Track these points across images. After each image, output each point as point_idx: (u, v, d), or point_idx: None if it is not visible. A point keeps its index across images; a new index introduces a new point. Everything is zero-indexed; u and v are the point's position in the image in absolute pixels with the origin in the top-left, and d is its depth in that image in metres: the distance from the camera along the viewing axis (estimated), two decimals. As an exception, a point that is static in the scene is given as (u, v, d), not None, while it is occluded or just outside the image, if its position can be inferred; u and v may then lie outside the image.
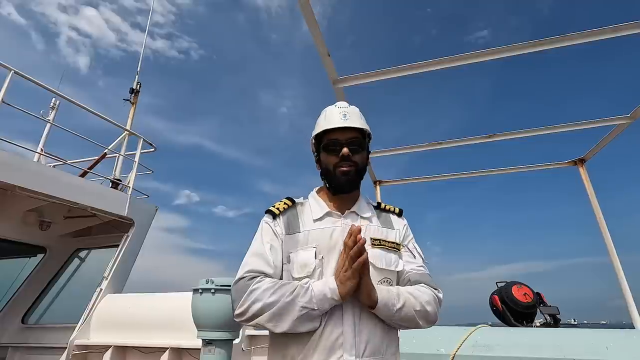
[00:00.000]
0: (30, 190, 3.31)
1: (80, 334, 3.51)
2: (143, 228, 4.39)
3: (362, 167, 1.23)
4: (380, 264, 1.14)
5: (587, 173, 3.28)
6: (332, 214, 1.21)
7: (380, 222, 1.26)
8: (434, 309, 1.11)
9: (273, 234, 1.18)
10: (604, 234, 3.12)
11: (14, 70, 3.41)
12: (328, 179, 1.23)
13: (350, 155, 1.18)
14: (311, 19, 1.78)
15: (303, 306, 0.99)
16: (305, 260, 1.10)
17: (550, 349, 2.24)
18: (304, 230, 1.17)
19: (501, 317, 3.65)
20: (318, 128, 1.25)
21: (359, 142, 1.22)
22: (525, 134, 2.99)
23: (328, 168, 1.21)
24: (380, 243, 1.18)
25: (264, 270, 1.09)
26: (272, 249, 1.15)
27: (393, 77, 2.32)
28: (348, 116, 1.22)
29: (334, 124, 1.20)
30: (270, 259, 1.12)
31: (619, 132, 2.82)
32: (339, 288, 1.01)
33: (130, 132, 4.72)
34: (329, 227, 1.17)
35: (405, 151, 3.38)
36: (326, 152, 1.22)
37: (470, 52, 2.14)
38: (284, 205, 1.25)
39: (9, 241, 4.31)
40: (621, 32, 1.94)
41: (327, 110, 1.28)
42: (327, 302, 1.01)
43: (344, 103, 1.29)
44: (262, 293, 1.01)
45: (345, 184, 1.20)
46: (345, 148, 1.18)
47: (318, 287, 1.03)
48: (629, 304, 2.92)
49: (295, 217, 1.22)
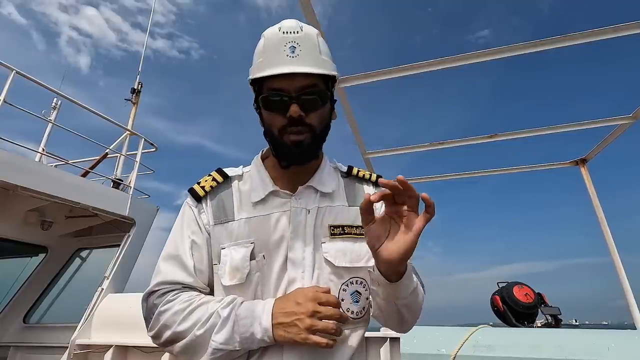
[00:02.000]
0: (31, 190, 3.31)
1: (82, 334, 3.52)
2: (144, 228, 4.40)
3: (321, 129, 0.84)
4: (341, 261, 0.82)
5: (588, 173, 3.28)
6: (278, 194, 0.86)
7: (347, 199, 0.91)
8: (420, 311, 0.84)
9: (196, 225, 0.85)
10: (606, 234, 3.11)
11: (15, 70, 3.41)
12: (273, 146, 0.85)
13: (303, 116, 0.79)
14: (312, 19, 1.78)
15: (217, 348, 0.71)
16: (237, 263, 0.79)
17: (551, 350, 2.24)
18: (239, 218, 0.84)
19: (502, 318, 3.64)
20: (253, 70, 0.83)
21: (316, 92, 0.80)
22: (526, 134, 2.98)
23: (272, 132, 0.83)
24: (345, 231, 0.85)
25: (180, 280, 0.80)
26: (193, 247, 0.84)
27: (394, 77, 2.31)
28: (299, 49, 0.79)
29: (275, 64, 0.78)
30: (189, 262, 0.82)
31: (620, 132, 2.81)
32: (275, 333, 0.71)
33: (131, 132, 4.73)
34: (273, 213, 0.84)
35: (406, 151, 3.38)
36: (268, 110, 0.82)
37: (471, 52, 2.14)
38: (213, 182, 0.89)
39: (11, 241, 4.32)
40: (622, 32, 1.94)
41: (267, 37, 0.82)
42: (255, 343, 0.72)
43: (293, 22, 0.83)
44: (171, 317, 0.75)
45: (297, 158, 0.83)
46: (294, 105, 0.78)
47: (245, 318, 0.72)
48: (630, 305, 2.91)
49: (228, 199, 0.87)
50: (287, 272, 0.81)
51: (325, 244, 0.83)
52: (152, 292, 0.80)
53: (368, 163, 3.43)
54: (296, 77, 0.78)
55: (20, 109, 3.49)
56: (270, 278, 0.80)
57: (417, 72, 2.26)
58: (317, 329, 0.70)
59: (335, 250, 0.83)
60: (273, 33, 0.82)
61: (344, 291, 0.83)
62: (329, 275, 0.82)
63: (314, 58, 0.81)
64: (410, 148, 3.32)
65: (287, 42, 0.79)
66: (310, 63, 0.79)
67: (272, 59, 0.79)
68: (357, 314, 0.84)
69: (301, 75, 0.79)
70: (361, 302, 0.84)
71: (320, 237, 0.84)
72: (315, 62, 0.81)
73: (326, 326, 0.70)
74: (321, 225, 0.85)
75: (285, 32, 0.80)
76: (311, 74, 0.79)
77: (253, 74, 0.82)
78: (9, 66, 3.39)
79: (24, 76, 3.50)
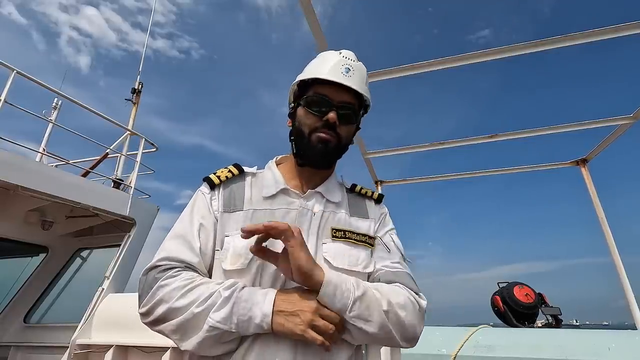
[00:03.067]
0: (32, 190, 3.31)
1: (82, 334, 3.52)
2: (144, 228, 4.40)
3: (345, 143, 0.94)
4: (340, 263, 0.84)
5: (589, 173, 3.27)
6: (288, 192, 0.92)
7: (350, 210, 0.97)
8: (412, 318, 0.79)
9: (207, 210, 0.88)
10: (606, 234, 3.10)
11: (16, 70, 3.41)
12: (298, 143, 0.93)
13: (337, 124, 0.88)
14: (313, 18, 1.78)
15: (214, 326, 0.70)
16: (240, 250, 0.81)
17: (551, 350, 2.24)
18: (248, 209, 0.88)
19: (503, 318, 3.64)
20: (307, 73, 0.94)
21: (352, 111, 0.92)
22: (527, 134, 2.98)
23: (302, 129, 0.91)
24: (345, 235, 0.89)
25: (185, 258, 0.81)
26: (201, 229, 0.86)
27: (394, 77, 2.31)
28: (352, 72, 0.91)
29: (332, 75, 0.89)
30: (196, 243, 0.83)
31: (621, 132, 2.81)
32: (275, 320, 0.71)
33: (132, 132, 4.72)
34: (281, 209, 0.89)
35: (407, 151, 3.38)
36: (307, 109, 0.90)
37: (472, 52, 2.14)
38: (228, 173, 0.94)
39: (11, 241, 4.32)
40: (622, 32, 1.94)
41: (326, 55, 0.95)
42: (251, 328, 0.71)
43: (351, 54, 0.95)
44: (170, 292, 0.74)
45: (319, 156, 0.90)
46: (333, 112, 0.88)
47: (245, 300, 0.73)
48: (631, 305, 2.91)
49: (240, 191, 0.92)
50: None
51: (326, 245, 0.86)
52: (153, 267, 0.80)
53: (368, 163, 3.43)
54: (342, 92, 0.90)
55: (20, 109, 3.49)
56: (270, 268, 0.81)
57: (418, 72, 2.26)
58: (317, 326, 0.71)
59: (334, 251, 0.86)
60: (333, 54, 0.95)
61: None
62: None
63: (361, 83, 0.93)
64: (410, 148, 3.32)
65: (344, 64, 0.92)
66: (358, 85, 0.91)
67: (329, 70, 0.90)
68: None
69: (346, 92, 0.91)
70: None
71: (322, 238, 0.87)
72: (361, 86, 0.93)
73: (326, 326, 0.71)
74: (324, 227, 0.89)
75: (345, 57, 0.93)
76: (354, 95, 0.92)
77: (308, 75, 0.92)
78: (10, 66, 3.39)
79: (24, 76, 3.50)
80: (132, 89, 5.70)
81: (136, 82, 5.78)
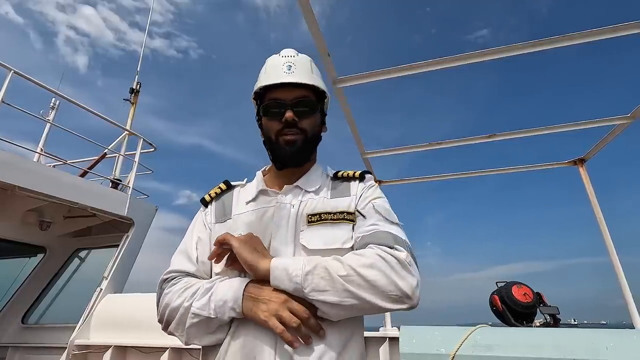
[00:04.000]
0: (30, 190, 3.31)
1: (80, 334, 3.51)
2: (143, 228, 4.39)
3: (312, 135, 0.98)
4: (314, 244, 0.86)
5: (587, 173, 3.28)
6: (267, 192, 0.98)
7: (331, 192, 0.99)
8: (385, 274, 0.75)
9: (202, 224, 0.99)
10: (604, 234, 3.11)
11: (13, 70, 3.40)
12: (270, 149, 0.99)
13: (297, 121, 0.93)
14: (311, 18, 1.77)
15: (195, 312, 0.78)
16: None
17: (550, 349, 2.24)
18: (235, 215, 0.97)
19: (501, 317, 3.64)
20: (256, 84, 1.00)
21: (308, 103, 0.96)
22: (525, 133, 2.99)
23: (269, 136, 0.97)
24: (321, 218, 0.91)
25: (185, 268, 0.91)
26: (199, 242, 0.95)
27: (393, 77, 2.31)
28: (294, 68, 0.96)
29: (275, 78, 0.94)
30: (194, 254, 0.93)
31: (619, 132, 2.82)
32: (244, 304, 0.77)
33: (130, 132, 4.72)
34: (260, 208, 0.95)
35: (405, 151, 3.38)
36: (267, 116, 0.97)
37: (470, 51, 2.14)
38: (217, 189, 1.05)
39: (9, 241, 4.31)
40: (621, 32, 1.94)
41: (269, 61, 1.02)
42: (227, 312, 0.77)
43: (291, 51, 1.02)
44: (171, 296, 0.84)
45: (290, 157, 0.95)
46: (289, 111, 0.93)
47: (222, 287, 0.80)
48: (629, 304, 2.91)
49: (229, 202, 1.02)
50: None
51: (303, 232, 0.90)
52: (162, 281, 0.91)
53: (367, 163, 3.43)
54: (292, 90, 0.95)
55: (18, 109, 3.48)
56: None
57: (416, 72, 2.25)
58: (281, 317, 0.74)
59: (310, 236, 0.89)
60: (274, 58, 1.01)
61: None
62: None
63: (306, 75, 0.98)
64: (409, 148, 3.32)
65: (284, 63, 0.97)
66: (302, 78, 0.96)
67: (273, 74, 0.96)
68: None
69: (296, 89, 0.95)
70: None
71: (300, 227, 0.91)
72: (307, 77, 0.97)
73: (290, 318, 0.74)
74: (301, 216, 0.93)
75: (284, 56, 1.00)
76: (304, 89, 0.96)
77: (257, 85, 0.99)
78: (7, 66, 3.38)
79: (22, 76, 3.49)
80: (130, 88, 5.69)
81: (134, 82, 5.77)
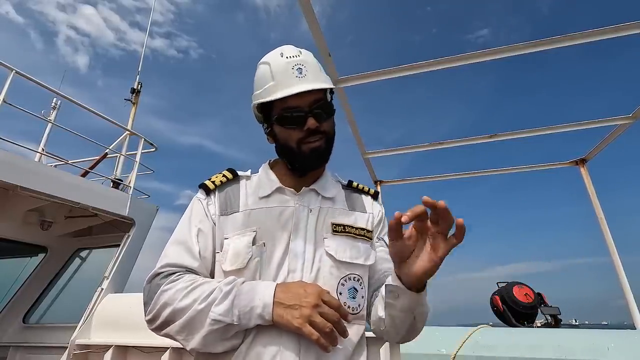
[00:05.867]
0: (31, 190, 3.31)
1: (81, 334, 3.51)
2: (144, 228, 4.39)
3: (332, 135, 0.94)
4: (342, 256, 0.86)
5: (588, 173, 3.28)
6: (284, 191, 0.93)
7: (347, 204, 0.98)
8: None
9: (204, 214, 0.90)
10: (605, 234, 3.11)
11: (15, 70, 3.41)
12: (290, 157, 0.93)
13: (319, 126, 0.88)
14: (312, 18, 1.77)
15: (216, 319, 0.72)
16: (239, 249, 0.83)
17: (551, 350, 2.24)
18: (245, 210, 0.89)
19: (502, 318, 3.65)
20: (264, 94, 0.90)
21: (325, 105, 0.91)
22: (526, 133, 2.99)
23: (288, 145, 0.90)
24: (345, 229, 0.90)
25: (186, 263, 0.84)
26: (200, 234, 0.88)
27: (394, 77, 2.31)
28: (305, 70, 0.88)
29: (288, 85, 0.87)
30: (195, 248, 0.86)
31: (620, 132, 2.81)
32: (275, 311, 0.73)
33: (131, 132, 4.72)
34: (277, 207, 0.89)
35: (406, 151, 3.38)
36: (284, 126, 0.90)
37: (471, 52, 2.14)
38: (223, 178, 0.95)
39: (10, 241, 4.32)
40: (622, 32, 1.94)
41: (272, 63, 0.91)
42: (253, 319, 0.73)
43: (293, 49, 0.92)
44: (174, 294, 0.76)
45: (315, 163, 0.92)
46: (311, 119, 0.87)
47: (246, 293, 0.74)
48: (630, 305, 2.91)
49: (235, 193, 0.93)
50: (287, 262, 0.84)
51: (328, 240, 0.87)
52: (156, 274, 0.83)
53: (368, 163, 3.43)
54: (307, 95, 0.87)
55: (19, 109, 3.49)
56: (270, 265, 0.83)
57: (417, 72, 2.25)
58: (315, 322, 0.71)
59: (336, 245, 0.87)
60: (276, 59, 0.91)
61: (343, 285, 0.85)
62: (329, 268, 0.85)
63: (317, 76, 0.91)
64: (410, 148, 3.32)
65: (293, 65, 0.88)
66: (316, 80, 0.89)
67: (284, 81, 0.88)
68: (354, 310, 0.86)
69: (311, 92, 0.88)
70: (357, 299, 0.87)
71: (322, 234, 0.88)
72: (320, 78, 0.91)
73: (324, 324, 0.71)
74: (323, 223, 0.90)
75: (289, 57, 0.90)
76: (319, 90, 0.90)
77: (266, 97, 0.89)
78: (9, 66, 3.39)
79: (23, 76, 3.49)
80: (132, 88, 5.69)
81: (135, 82, 5.77)
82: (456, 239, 0.67)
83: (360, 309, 0.88)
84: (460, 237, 0.67)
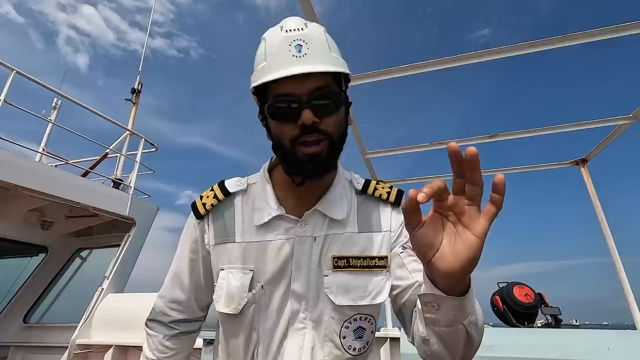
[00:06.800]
0: (32, 190, 3.31)
1: (82, 334, 3.52)
2: (144, 228, 4.40)
3: (338, 136, 0.73)
4: (342, 300, 0.74)
5: (588, 173, 3.27)
6: (284, 218, 0.78)
7: (358, 223, 0.80)
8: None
9: (196, 244, 0.83)
10: (606, 234, 3.10)
11: (15, 70, 3.41)
12: (284, 158, 0.75)
13: (317, 123, 0.68)
14: (312, 18, 1.78)
15: None
16: (234, 291, 0.74)
17: (551, 350, 2.24)
18: (240, 241, 0.78)
19: (502, 318, 3.65)
20: (256, 77, 0.72)
21: (329, 94, 0.70)
22: (527, 134, 2.98)
23: (282, 144, 0.72)
24: (349, 263, 0.76)
25: (176, 297, 0.85)
26: (191, 265, 0.84)
27: (394, 77, 2.31)
28: (305, 48, 0.68)
29: (279, 67, 0.67)
30: (186, 280, 0.84)
31: (621, 132, 2.81)
32: None
33: (131, 132, 4.72)
34: (275, 240, 0.76)
35: (406, 151, 3.38)
36: (275, 119, 0.72)
37: (472, 52, 2.14)
38: (214, 200, 0.82)
39: (11, 241, 4.32)
40: (623, 32, 1.93)
41: (268, 38, 0.73)
42: None
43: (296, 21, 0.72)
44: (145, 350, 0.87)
45: (312, 173, 0.72)
46: (306, 111, 0.67)
47: None
48: (630, 305, 2.91)
49: (230, 218, 0.81)
50: (289, 305, 0.76)
51: (328, 277, 0.75)
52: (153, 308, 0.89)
53: (368, 163, 3.43)
54: (306, 79, 0.67)
55: (20, 109, 3.49)
56: (269, 310, 0.75)
57: (418, 72, 2.25)
58: None
59: (337, 285, 0.74)
60: (274, 34, 0.72)
61: (346, 328, 0.75)
62: (330, 312, 0.75)
63: (324, 56, 0.69)
64: (410, 148, 3.32)
65: (292, 41, 0.68)
66: (320, 61, 0.68)
67: (277, 61, 0.68)
68: (359, 350, 0.77)
69: (311, 77, 0.67)
70: (365, 337, 0.77)
71: (324, 269, 0.76)
72: (326, 59, 0.69)
73: None
74: (325, 256, 0.77)
75: (289, 31, 0.70)
76: (322, 74, 0.69)
77: (254, 82, 0.71)
78: (9, 66, 3.39)
79: (24, 76, 3.50)
80: (132, 88, 5.70)
81: (136, 82, 5.78)
82: (494, 204, 0.47)
83: (368, 346, 0.79)
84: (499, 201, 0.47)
